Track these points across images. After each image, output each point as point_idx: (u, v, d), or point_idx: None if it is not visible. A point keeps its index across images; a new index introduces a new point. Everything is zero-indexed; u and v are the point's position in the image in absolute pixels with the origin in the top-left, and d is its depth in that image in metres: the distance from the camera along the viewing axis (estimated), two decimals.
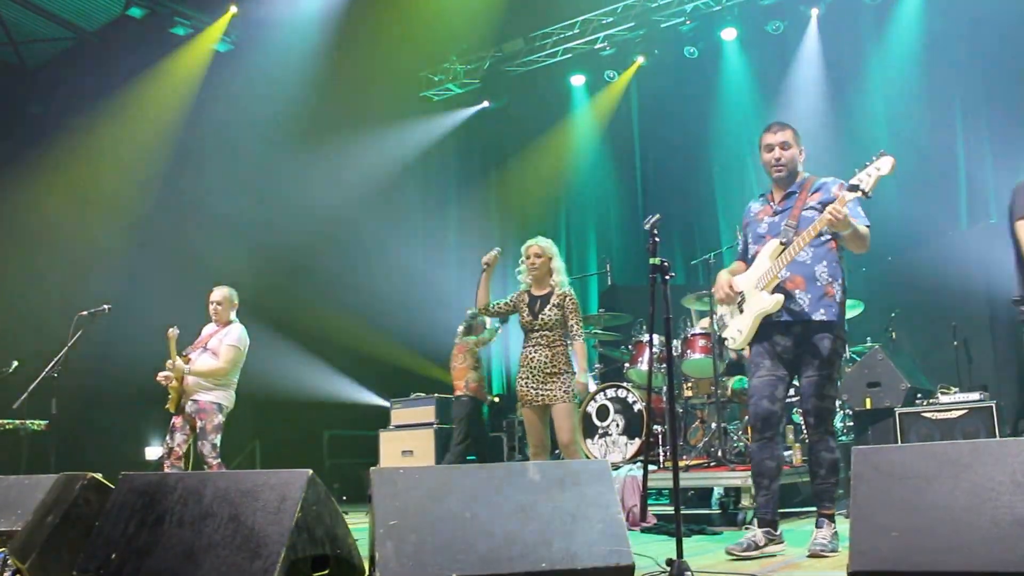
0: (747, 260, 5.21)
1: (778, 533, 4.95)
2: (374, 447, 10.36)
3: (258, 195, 13.07)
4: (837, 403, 4.89)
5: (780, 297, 4.83)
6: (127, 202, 12.10)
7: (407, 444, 10.07)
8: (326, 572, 3.49)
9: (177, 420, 7.14)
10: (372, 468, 3.65)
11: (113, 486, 3.96)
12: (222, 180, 12.93)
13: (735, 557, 4.74)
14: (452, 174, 15.44)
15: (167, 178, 12.43)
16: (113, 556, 3.55)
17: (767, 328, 4.97)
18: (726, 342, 5.25)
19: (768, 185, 5.24)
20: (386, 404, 10.81)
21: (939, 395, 7.49)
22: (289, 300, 12.82)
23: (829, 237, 4.92)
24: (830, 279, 4.92)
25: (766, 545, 4.86)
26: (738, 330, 5.05)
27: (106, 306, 7.94)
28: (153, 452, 11.91)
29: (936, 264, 9.91)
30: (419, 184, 15.37)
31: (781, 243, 4.89)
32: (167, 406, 7.13)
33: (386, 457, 10.14)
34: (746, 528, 6.29)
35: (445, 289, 14.23)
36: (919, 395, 7.75)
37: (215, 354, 7.19)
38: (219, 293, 7.43)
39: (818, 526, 4.94)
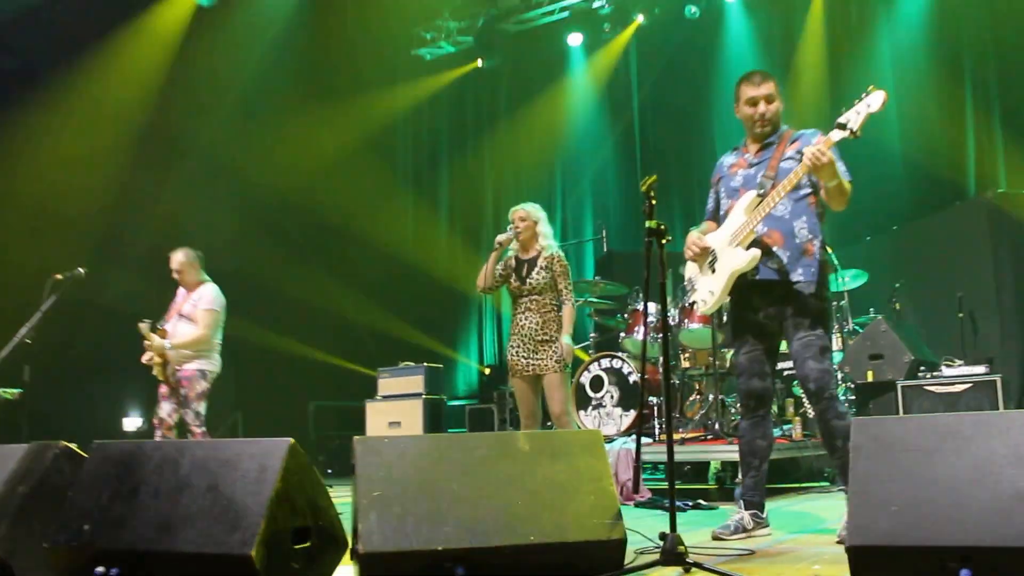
0: (718, 220, 4.97)
1: (764, 516, 4.83)
2: (360, 418, 10.35)
3: (241, 155, 13.00)
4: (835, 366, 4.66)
5: (756, 252, 4.60)
6: (103, 161, 12.01)
7: (395, 415, 10.05)
8: (307, 544, 3.49)
9: (164, 389, 7.10)
10: (356, 437, 3.65)
11: (86, 455, 3.95)
12: (203, 139, 12.84)
13: (723, 540, 4.63)
14: (444, 136, 15.38)
15: (145, 137, 12.33)
16: (86, 527, 3.54)
17: (745, 292, 4.76)
18: (695, 307, 5.02)
19: (742, 138, 4.99)
20: (373, 373, 10.79)
21: (943, 368, 7.50)
22: (274, 264, 12.79)
23: (809, 191, 4.67)
24: (810, 236, 4.64)
25: (754, 529, 4.74)
26: (709, 291, 4.82)
27: (81, 269, 7.84)
28: (132, 423, 11.89)
29: (942, 233, 9.92)
30: (409, 145, 15.32)
31: (759, 195, 4.63)
32: (154, 372, 7.09)
33: (372, 428, 10.13)
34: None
35: (435, 254, 14.21)
36: (922, 368, 7.76)
37: (191, 320, 7.11)
38: (176, 259, 7.26)
39: None
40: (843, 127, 4.32)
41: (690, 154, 13.22)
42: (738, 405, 7.84)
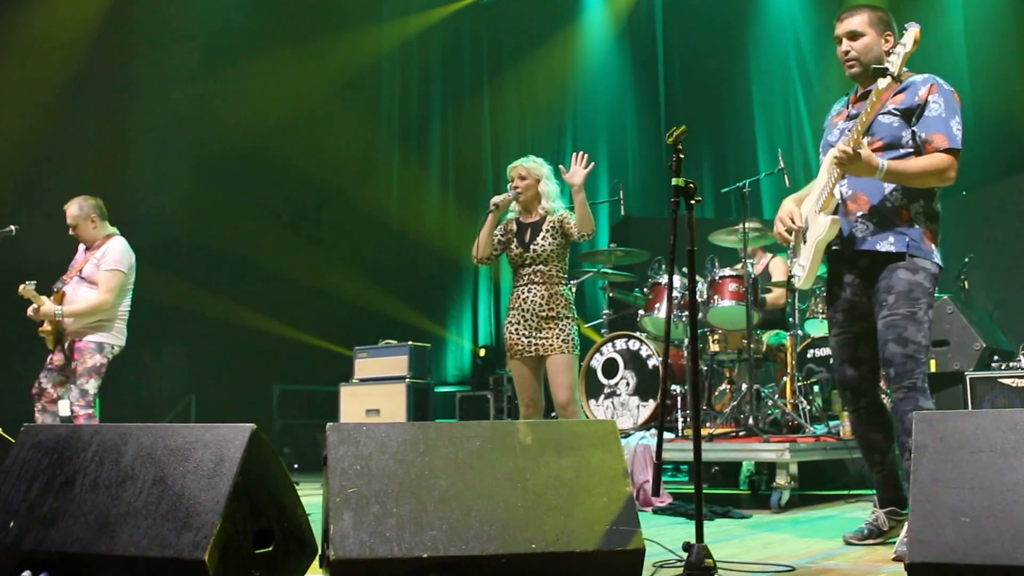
0: None
1: (907, 512, 4.81)
2: (333, 405, 10.35)
3: (196, 103, 12.93)
4: (924, 352, 4.56)
5: (831, 219, 4.57)
6: (31, 105, 11.93)
7: (373, 401, 10.04)
8: (270, 548, 3.46)
9: (56, 357, 6.94)
10: (329, 424, 3.61)
11: (13, 440, 3.92)
12: (154, 85, 12.77)
13: (855, 545, 4.71)
14: (437, 81, 15.31)
15: (83, 82, 12.24)
16: (11, 525, 3.52)
17: (835, 264, 4.79)
18: (792, 280, 5.04)
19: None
20: (348, 352, 10.78)
21: (1021, 357, 7.46)
22: (234, 226, 12.74)
23: (908, 150, 4.53)
24: (903, 200, 4.54)
25: (892, 529, 4.76)
26: (801, 265, 4.82)
27: (12, 227, 7.78)
28: (66, 407, 11.87)
29: (1020, 199, 9.87)
30: (396, 92, 15.25)
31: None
32: (47, 344, 6.98)
33: (347, 416, 10.12)
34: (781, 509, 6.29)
35: (424, 217, 14.17)
36: (996, 357, 7.72)
37: (93, 283, 6.92)
38: (69, 213, 7.08)
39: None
40: (884, 73, 4.27)
41: (722, 106, 13.20)
42: (776, 396, 7.90)
